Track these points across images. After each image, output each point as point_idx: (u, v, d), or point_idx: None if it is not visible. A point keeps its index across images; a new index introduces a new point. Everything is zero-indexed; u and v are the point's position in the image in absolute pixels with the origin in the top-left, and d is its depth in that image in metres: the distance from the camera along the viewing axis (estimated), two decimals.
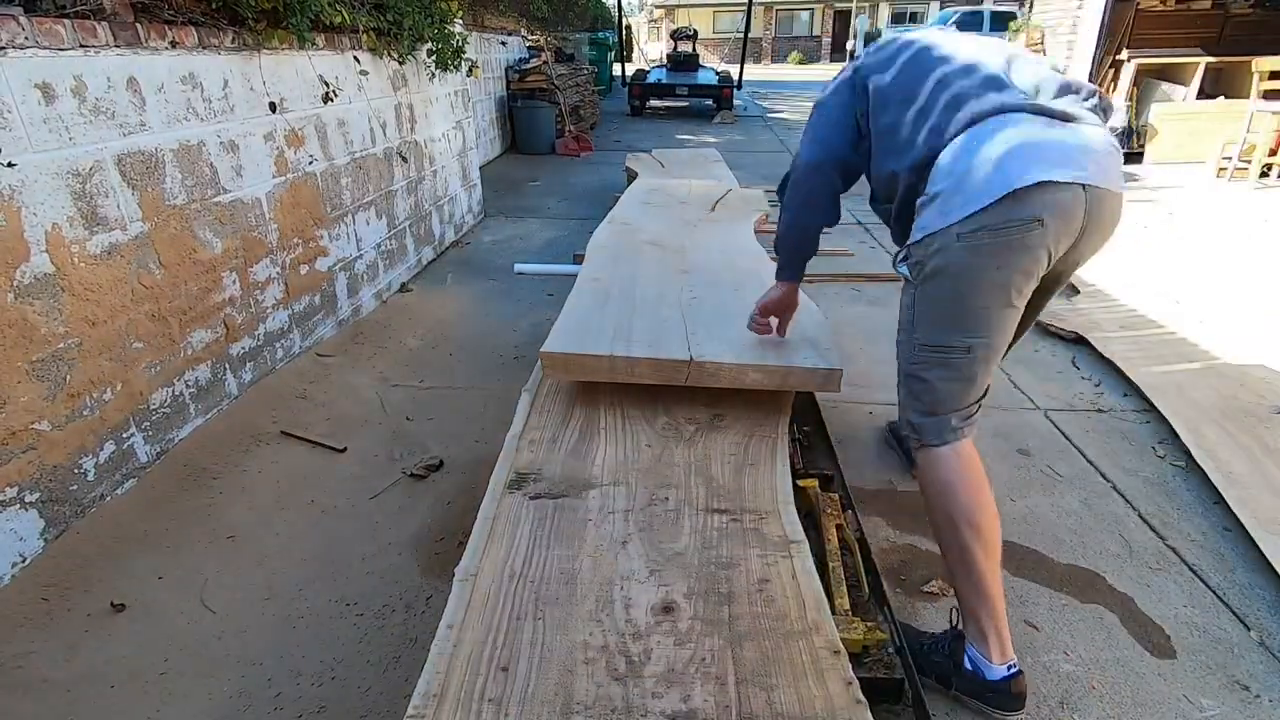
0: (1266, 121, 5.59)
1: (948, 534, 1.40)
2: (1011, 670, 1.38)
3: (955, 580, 1.42)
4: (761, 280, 2.40)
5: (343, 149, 3.06)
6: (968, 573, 1.38)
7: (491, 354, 3.00)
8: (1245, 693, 1.45)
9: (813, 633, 1.15)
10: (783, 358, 1.80)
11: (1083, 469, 2.18)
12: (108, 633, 1.56)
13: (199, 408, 2.26)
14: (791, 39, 32.54)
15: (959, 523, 1.37)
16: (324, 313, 2.97)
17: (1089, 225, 1.31)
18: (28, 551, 1.70)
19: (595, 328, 1.93)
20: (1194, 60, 6.96)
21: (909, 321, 1.44)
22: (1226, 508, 1.93)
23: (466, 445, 2.32)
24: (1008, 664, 1.38)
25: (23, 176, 1.64)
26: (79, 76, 1.78)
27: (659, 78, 12.00)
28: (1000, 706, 1.38)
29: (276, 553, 1.83)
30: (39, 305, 1.69)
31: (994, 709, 1.39)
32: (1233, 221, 4.89)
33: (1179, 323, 3.15)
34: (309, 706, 1.41)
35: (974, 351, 1.36)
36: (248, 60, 2.42)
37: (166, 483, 2.03)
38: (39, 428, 1.71)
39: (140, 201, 1.98)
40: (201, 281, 2.24)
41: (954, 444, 1.41)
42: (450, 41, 3.93)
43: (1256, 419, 2.33)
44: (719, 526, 1.42)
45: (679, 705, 1.03)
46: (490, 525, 1.41)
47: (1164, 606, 1.66)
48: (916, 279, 1.39)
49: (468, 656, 1.11)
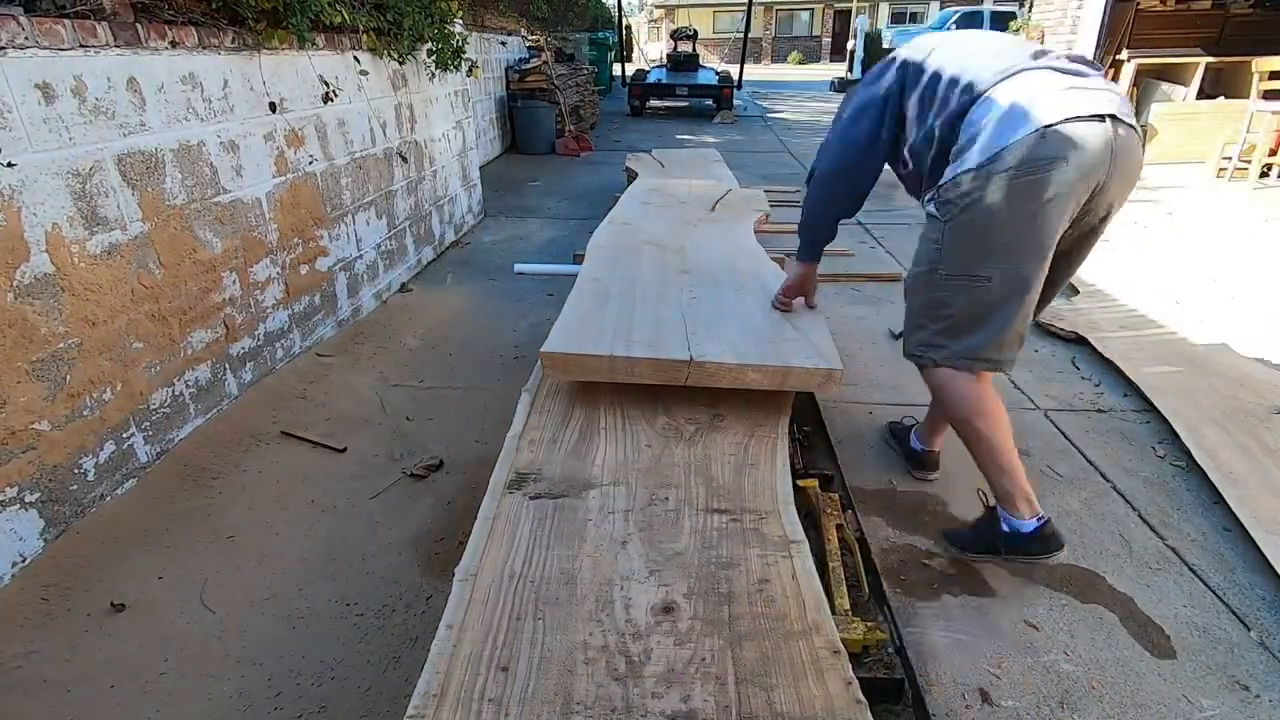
0: (1266, 121, 5.58)
1: (964, 429, 1.64)
2: (1041, 520, 1.63)
3: (981, 463, 1.65)
4: (762, 280, 2.40)
5: (343, 149, 3.06)
6: (988, 452, 1.61)
7: (491, 354, 3.00)
8: (1245, 693, 1.45)
9: (813, 633, 1.15)
10: (782, 358, 1.80)
11: (1083, 469, 2.18)
12: (108, 633, 1.56)
13: (199, 408, 2.26)
14: (791, 39, 32.55)
15: (970, 418, 1.60)
16: (324, 313, 2.97)
17: (1116, 162, 1.40)
18: (28, 551, 1.70)
19: (595, 328, 1.93)
20: (1194, 60, 6.96)
21: (934, 257, 1.56)
22: (1226, 508, 1.93)
23: (466, 445, 2.32)
24: (1037, 517, 1.63)
25: (23, 176, 1.64)
26: (79, 76, 1.78)
27: (659, 78, 12.01)
28: (1043, 551, 1.64)
29: (276, 553, 1.83)
30: (39, 305, 1.69)
31: (1038, 555, 1.64)
32: (1233, 221, 4.89)
33: (1179, 323, 3.15)
34: (309, 706, 1.41)
35: (995, 280, 1.48)
36: (248, 60, 2.42)
37: (166, 483, 2.03)
38: (39, 428, 1.71)
39: (140, 201, 1.98)
40: (201, 281, 2.24)
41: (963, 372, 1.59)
42: (450, 41, 3.93)
43: (1256, 419, 2.33)
44: (719, 526, 1.42)
45: (679, 705, 1.03)
46: (490, 525, 1.41)
47: (1164, 606, 1.66)
48: (946, 217, 1.51)
49: (468, 656, 1.11)
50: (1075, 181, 1.38)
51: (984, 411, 1.59)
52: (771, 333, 1.95)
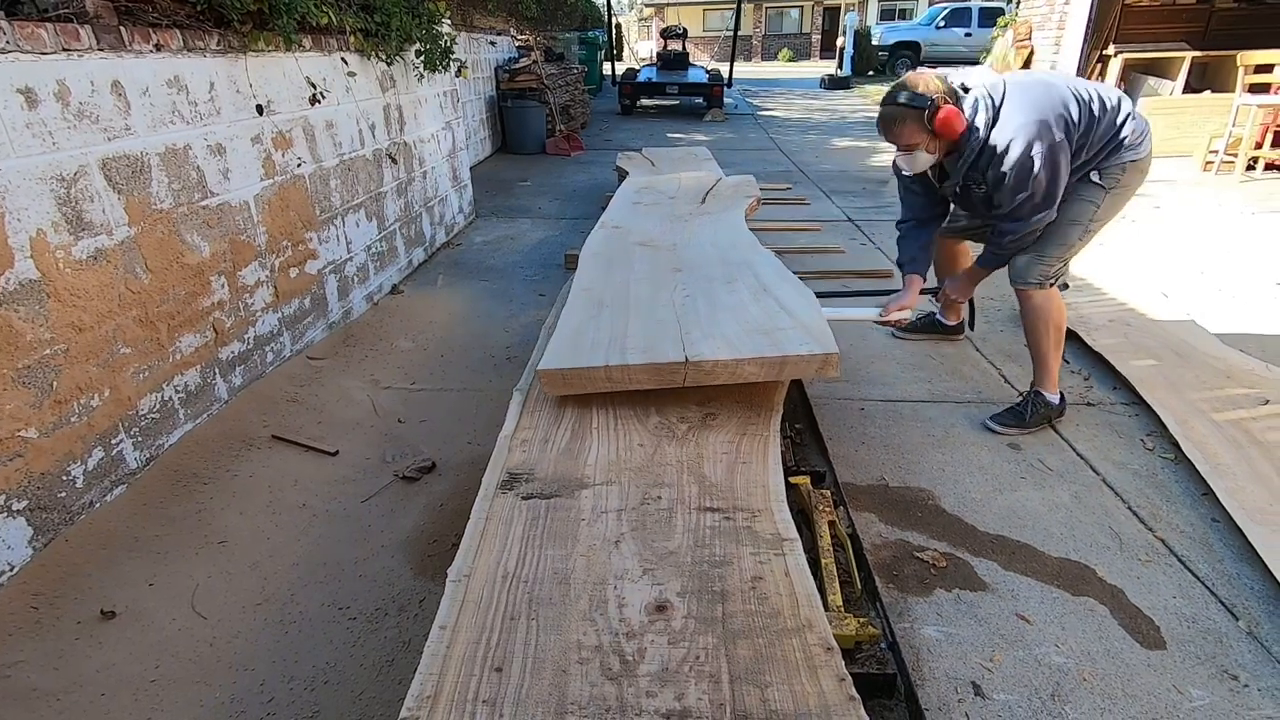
0: (1252, 115, 5.62)
1: (1051, 335, 2.28)
2: (1061, 395, 2.38)
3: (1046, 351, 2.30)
4: (755, 271, 2.40)
5: (331, 151, 3.04)
6: (1055, 343, 2.30)
7: (483, 355, 2.99)
8: (1234, 682, 1.46)
9: (806, 630, 1.16)
10: (778, 347, 1.79)
11: (1073, 462, 2.20)
12: (98, 640, 1.55)
13: (188, 413, 2.24)
14: (781, 36, 32.57)
15: (1060, 320, 2.30)
16: (314, 316, 2.95)
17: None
18: (16, 560, 1.68)
19: (590, 340, 1.93)
20: (1180, 55, 7.00)
21: (1091, 214, 2.16)
22: (1215, 499, 1.95)
23: (458, 447, 2.31)
24: (1059, 394, 2.37)
25: (5, 182, 1.62)
26: (62, 80, 1.76)
27: (649, 76, 12.01)
28: (1060, 414, 2.38)
29: (268, 557, 1.82)
30: (24, 311, 1.68)
31: (1058, 417, 2.38)
32: (1220, 214, 4.93)
33: (1167, 315, 3.18)
34: (303, 711, 1.41)
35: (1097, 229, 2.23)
36: (233, 62, 2.41)
37: (157, 489, 2.02)
38: (26, 435, 1.70)
39: (126, 206, 1.97)
40: (189, 286, 2.23)
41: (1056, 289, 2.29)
42: (438, 42, 3.91)
43: (1244, 411, 2.35)
44: (712, 525, 1.42)
45: (673, 704, 1.03)
46: (483, 526, 1.41)
47: (1154, 598, 1.68)
48: (1110, 186, 2.13)
49: (461, 658, 1.11)
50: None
51: (1060, 325, 2.31)
52: (766, 323, 1.94)
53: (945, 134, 2.06)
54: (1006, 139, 2.02)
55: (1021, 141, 2.00)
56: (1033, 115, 2.00)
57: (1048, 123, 2.00)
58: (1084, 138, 2.08)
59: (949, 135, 2.06)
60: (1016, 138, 2.00)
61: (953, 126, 2.03)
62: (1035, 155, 2.00)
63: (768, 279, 2.30)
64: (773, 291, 2.18)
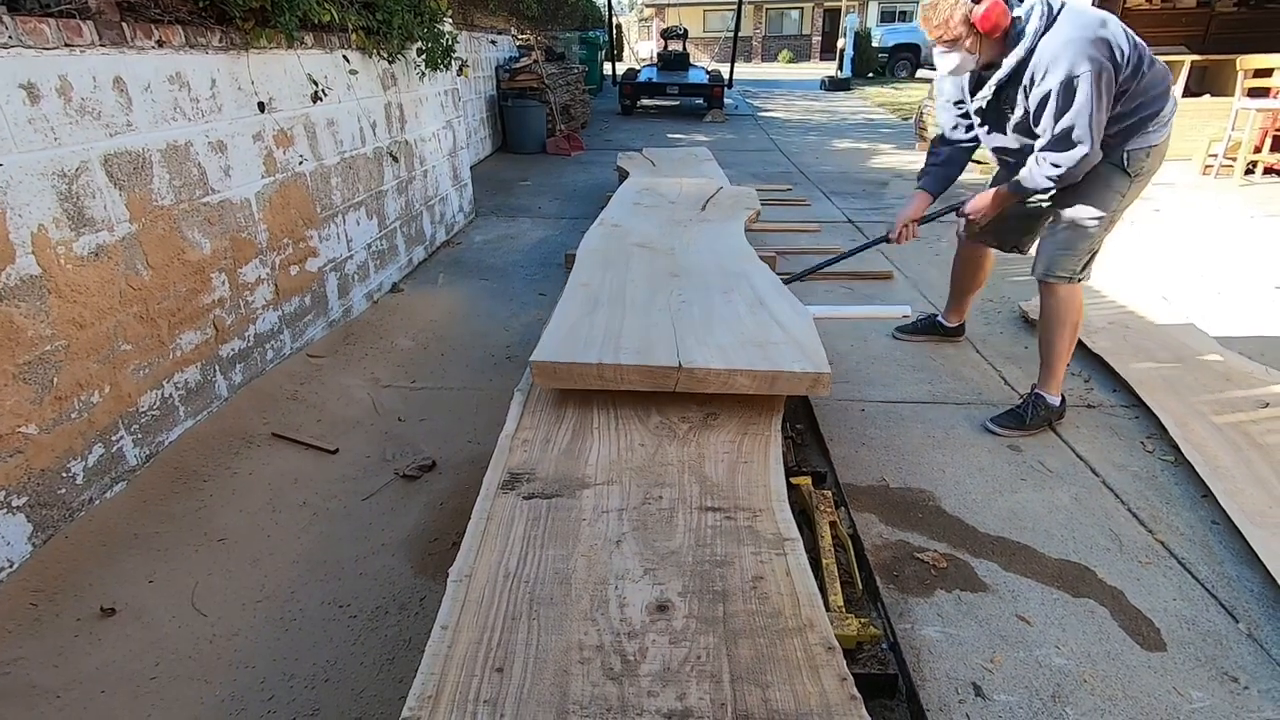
0: (1251, 119, 5.64)
1: (1068, 333, 2.28)
2: (1062, 397, 2.38)
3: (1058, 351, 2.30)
4: (751, 282, 2.40)
5: (332, 149, 3.04)
6: (1070, 343, 2.30)
7: (484, 354, 2.99)
8: (1234, 684, 1.46)
9: (807, 629, 1.16)
10: (770, 362, 1.80)
11: (1073, 464, 2.20)
12: (98, 637, 1.55)
13: (189, 410, 2.24)
14: (781, 38, 32.60)
15: (1078, 318, 2.30)
16: (315, 313, 2.95)
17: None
18: (15, 556, 1.68)
19: (584, 336, 1.93)
20: (1180, 58, 7.01)
21: (1115, 205, 2.16)
22: (1214, 501, 1.95)
23: (459, 446, 2.31)
24: (1060, 396, 2.37)
25: (7, 177, 1.62)
26: (64, 76, 1.76)
27: (650, 77, 12.01)
28: (1060, 416, 2.39)
29: (268, 555, 1.82)
30: (25, 307, 1.67)
31: (1058, 419, 2.38)
32: (1219, 218, 4.94)
33: (1167, 318, 3.18)
34: (303, 710, 1.41)
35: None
36: (235, 59, 2.41)
37: (156, 486, 2.01)
38: (26, 431, 1.69)
39: (127, 202, 1.97)
40: (190, 283, 2.22)
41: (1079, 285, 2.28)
42: (440, 40, 3.91)
43: (1243, 413, 2.35)
44: (713, 524, 1.42)
45: (675, 704, 1.03)
46: (484, 525, 1.41)
47: (1154, 600, 1.68)
48: (1136, 173, 2.13)
49: (462, 657, 1.11)
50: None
51: (1083, 313, 2.33)
52: (760, 336, 1.95)
53: (989, 30, 1.98)
54: (1055, 51, 1.92)
55: (1070, 56, 1.89)
56: (1087, 33, 1.90)
57: (1105, 41, 1.91)
58: (1126, 84, 1.98)
59: (993, 30, 1.98)
60: (1066, 52, 1.90)
61: (997, 22, 1.95)
62: (1083, 75, 1.89)
63: (764, 292, 2.30)
64: (768, 305, 2.18)
